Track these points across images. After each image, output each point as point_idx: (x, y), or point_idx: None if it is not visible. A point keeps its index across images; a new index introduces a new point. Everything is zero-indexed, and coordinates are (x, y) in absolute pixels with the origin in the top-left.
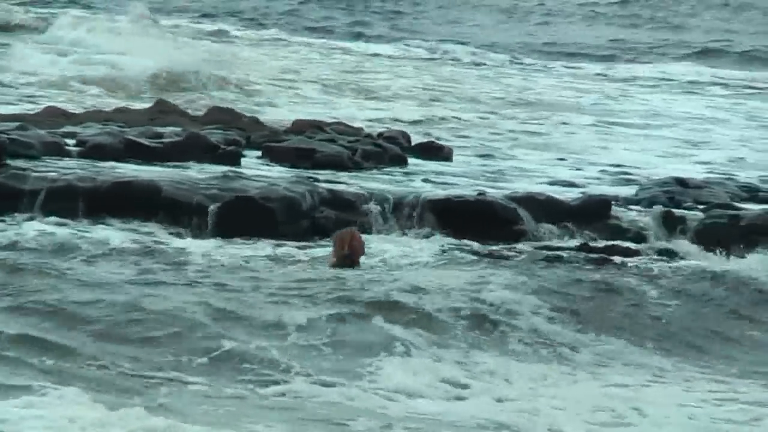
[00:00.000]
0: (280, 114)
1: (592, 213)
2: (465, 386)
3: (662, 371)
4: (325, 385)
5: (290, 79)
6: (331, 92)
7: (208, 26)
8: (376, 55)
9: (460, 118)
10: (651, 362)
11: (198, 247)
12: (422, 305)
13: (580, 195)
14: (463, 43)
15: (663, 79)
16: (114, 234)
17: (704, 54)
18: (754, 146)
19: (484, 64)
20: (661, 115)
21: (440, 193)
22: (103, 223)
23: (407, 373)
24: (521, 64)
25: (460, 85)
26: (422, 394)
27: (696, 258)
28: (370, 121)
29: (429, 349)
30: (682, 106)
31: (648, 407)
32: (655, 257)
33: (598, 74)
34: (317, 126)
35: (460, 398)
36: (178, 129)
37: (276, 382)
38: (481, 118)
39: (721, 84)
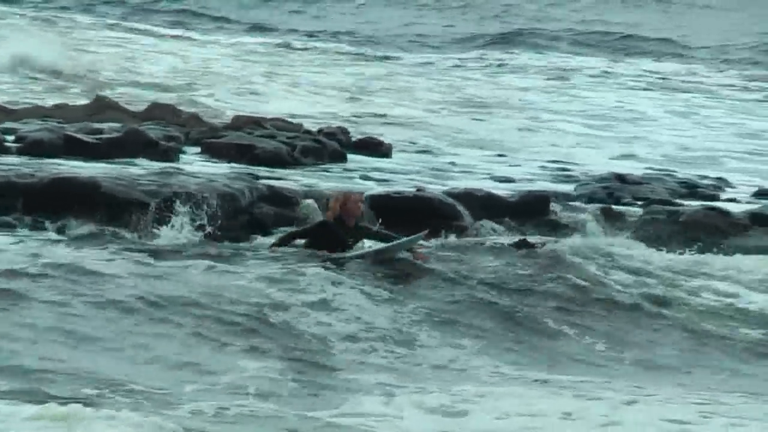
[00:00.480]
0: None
1: (531, 209)
2: (455, 408)
3: (637, 388)
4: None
5: (205, 75)
6: (259, 87)
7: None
8: (305, 50)
9: (399, 115)
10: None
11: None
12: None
13: (519, 191)
14: (397, 38)
15: (604, 74)
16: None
17: (644, 49)
18: (694, 143)
19: (421, 61)
20: (602, 111)
21: (379, 189)
22: (40, 222)
23: (383, 405)
24: (457, 59)
25: (398, 82)
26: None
27: (635, 255)
28: (308, 117)
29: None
30: (623, 103)
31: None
32: (592, 255)
33: (538, 70)
34: (256, 122)
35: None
36: (118, 125)
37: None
38: (419, 114)
39: (662, 80)
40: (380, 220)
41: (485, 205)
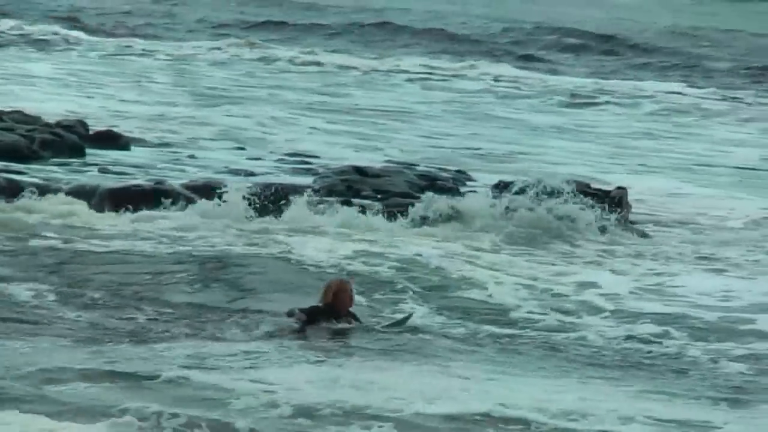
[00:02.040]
0: None
1: (271, 202)
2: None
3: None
4: None
5: None
6: None
7: None
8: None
9: (137, 108)
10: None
11: None
12: None
13: (258, 184)
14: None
15: (369, 70)
16: None
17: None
18: (438, 136)
19: (151, 48)
20: (354, 106)
21: (118, 182)
22: None
23: None
24: (191, 48)
25: (134, 74)
26: None
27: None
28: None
29: None
30: (378, 98)
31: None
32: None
33: (286, 62)
34: None
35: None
36: None
37: None
38: (158, 108)
39: (423, 73)
40: None
41: None
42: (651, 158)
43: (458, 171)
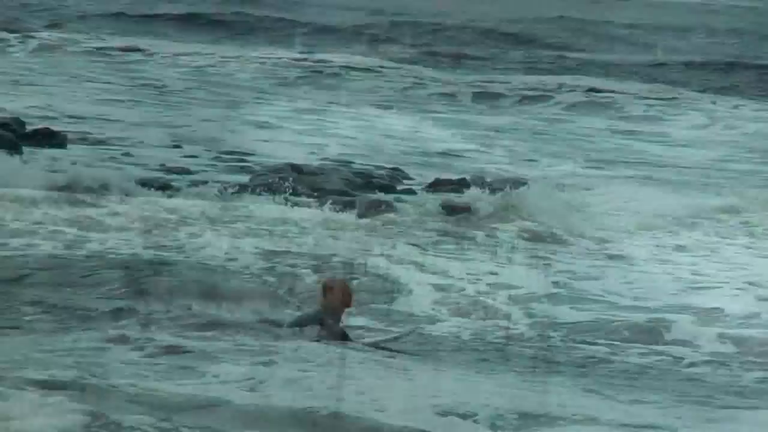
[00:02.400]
0: None
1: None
2: None
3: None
4: None
5: None
6: None
7: None
8: None
9: (71, 108)
10: None
11: None
12: None
13: (193, 181)
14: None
15: (285, 66)
16: None
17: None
18: (377, 134)
19: (105, 49)
20: (295, 102)
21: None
22: None
23: None
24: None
25: (72, 72)
26: None
27: None
28: None
29: None
30: (320, 95)
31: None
32: None
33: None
34: None
35: None
36: None
37: None
38: (96, 106)
39: (363, 70)
40: None
41: None
42: (595, 156)
43: (394, 169)
